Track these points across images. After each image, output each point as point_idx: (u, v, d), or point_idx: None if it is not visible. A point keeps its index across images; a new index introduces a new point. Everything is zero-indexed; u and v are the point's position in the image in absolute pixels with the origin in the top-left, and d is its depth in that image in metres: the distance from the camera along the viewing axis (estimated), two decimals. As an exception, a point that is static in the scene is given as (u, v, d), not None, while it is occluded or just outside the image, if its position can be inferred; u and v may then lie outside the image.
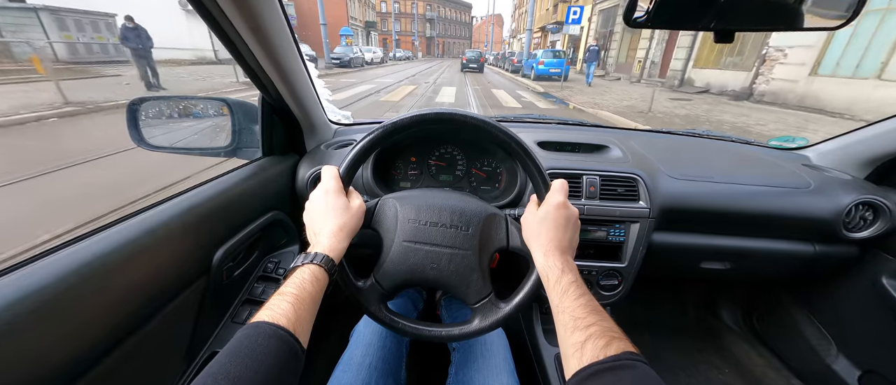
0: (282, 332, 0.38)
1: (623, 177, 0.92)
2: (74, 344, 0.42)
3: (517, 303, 0.59)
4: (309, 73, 0.86)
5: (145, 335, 0.52)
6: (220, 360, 0.35)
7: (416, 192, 0.63)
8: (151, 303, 0.53)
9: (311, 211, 0.55)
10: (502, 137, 0.58)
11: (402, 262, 0.58)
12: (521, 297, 0.59)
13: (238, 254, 0.75)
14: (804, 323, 1.21)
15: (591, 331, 0.41)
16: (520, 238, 0.60)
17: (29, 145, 4.12)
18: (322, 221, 0.53)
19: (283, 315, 0.39)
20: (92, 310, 0.44)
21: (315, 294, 0.45)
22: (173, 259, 0.57)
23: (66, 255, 0.45)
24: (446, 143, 1.05)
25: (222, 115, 0.92)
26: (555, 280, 0.49)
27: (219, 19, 0.57)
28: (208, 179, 0.74)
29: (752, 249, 1.02)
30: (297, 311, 0.41)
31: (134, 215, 0.56)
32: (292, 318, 0.40)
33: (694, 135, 1.33)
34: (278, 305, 0.40)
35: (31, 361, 0.38)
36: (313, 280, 0.45)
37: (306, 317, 0.42)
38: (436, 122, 0.59)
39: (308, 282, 0.45)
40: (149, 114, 0.87)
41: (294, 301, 0.41)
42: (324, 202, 0.54)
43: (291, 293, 0.42)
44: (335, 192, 0.55)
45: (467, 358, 0.75)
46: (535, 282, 0.59)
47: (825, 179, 0.99)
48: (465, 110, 0.59)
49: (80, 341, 0.43)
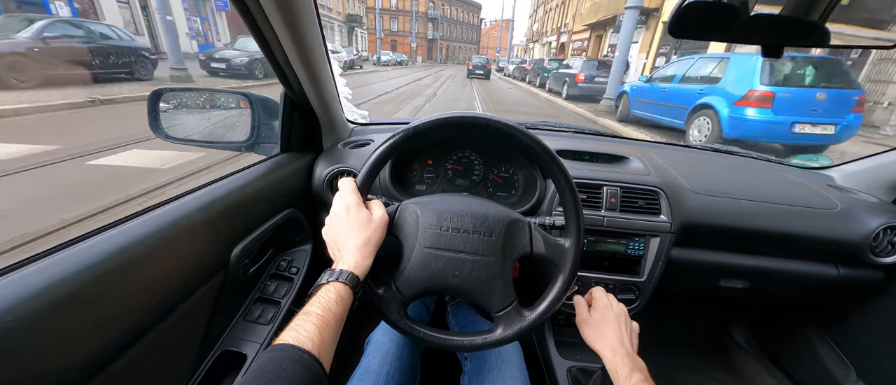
0: (307, 356, 0.37)
1: (645, 189, 0.91)
2: (96, 337, 0.41)
3: (543, 310, 0.57)
4: (332, 72, 0.85)
5: (163, 330, 0.51)
6: (246, 384, 0.34)
7: (436, 198, 0.61)
8: (172, 297, 0.52)
9: (333, 227, 0.54)
10: (523, 139, 0.57)
11: (423, 269, 0.56)
12: (546, 304, 0.57)
13: (253, 250, 0.74)
14: (822, 347, 1.18)
15: None
16: (543, 244, 0.59)
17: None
18: (346, 238, 0.51)
19: (308, 338, 0.38)
20: (114, 303, 0.43)
21: (340, 314, 0.44)
22: (194, 253, 0.56)
23: (89, 246, 0.44)
24: (464, 146, 1.03)
25: (242, 110, 0.92)
26: (624, 376, 0.53)
27: (254, 13, 0.56)
28: (228, 174, 0.73)
29: (773, 269, 0.99)
30: (322, 334, 0.40)
31: (156, 207, 0.55)
32: (317, 342, 0.39)
33: (713, 149, 1.31)
34: (304, 327, 0.39)
35: (53, 354, 0.37)
36: (338, 299, 0.44)
37: (330, 339, 0.41)
38: (454, 126, 0.57)
39: (333, 302, 0.44)
40: (170, 104, 0.87)
41: (319, 323, 0.40)
42: (346, 217, 0.53)
43: (317, 314, 0.41)
44: (356, 205, 0.53)
45: (481, 368, 0.73)
46: (561, 288, 0.58)
47: (852, 201, 0.97)
48: (485, 113, 0.58)
49: (102, 335, 0.42)
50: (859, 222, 0.91)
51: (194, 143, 0.93)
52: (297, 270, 0.85)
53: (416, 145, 0.99)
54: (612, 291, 0.93)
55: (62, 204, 2.12)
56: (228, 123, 0.96)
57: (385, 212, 0.56)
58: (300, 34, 0.64)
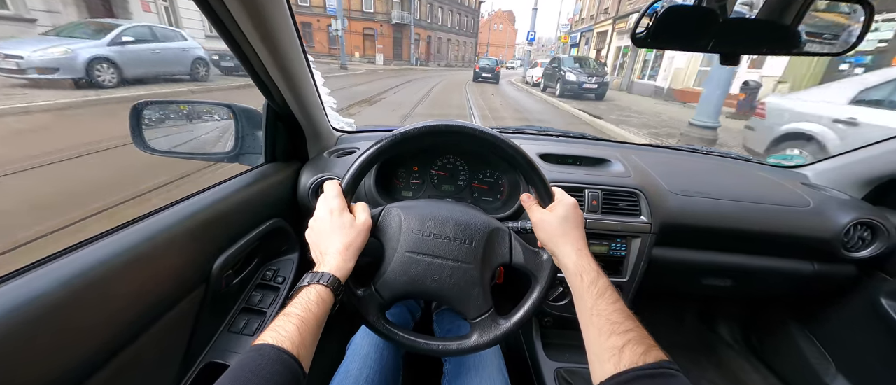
0: (285, 355, 0.37)
1: (625, 191, 0.93)
2: (72, 354, 0.41)
3: (518, 320, 0.58)
4: (314, 80, 0.86)
5: (143, 345, 0.51)
6: (222, 383, 0.34)
7: (420, 203, 0.62)
8: (150, 311, 0.52)
9: (315, 229, 0.54)
10: (506, 149, 0.58)
11: (403, 273, 0.57)
12: (522, 314, 0.58)
13: (237, 262, 0.74)
14: (803, 341, 1.21)
15: (630, 336, 0.41)
16: (522, 254, 0.60)
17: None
18: (328, 241, 0.52)
19: (287, 338, 0.39)
20: (90, 319, 0.43)
21: (320, 316, 0.44)
22: (173, 267, 0.56)
23: (65, 263, 0.44)
24: (449, 153, 1.05)
25: (226, 121, 0.92)
26: (590, 281, 0.48)
27: (229, 26, 0.57)
28: (210, 185, 0.73)
29: (752, 267, 1.02)
30: (302, 334, 0.40)
31: (135, 222, 0.55)
32: (296, 342, 0.39)
33: (693, 151, 1.34)
34: (283, 327, 0.40)
35: (28, 373, 0.37)
36: (319, 301, 0.45)
37: (310, 340, 0.42)
38: (442, 133, 0.59)
39: (314, 303, 0.44)
40: (153, 117, 0.87)
41: (299, 323, 0.41)
42: (329, 220, 0.53)
43: (297, 315, 0.42)
44: (339, 209, 0.54)
45: (459, 370, 0.74)
46: (537, 299, 0.58)
47: (824, 198, 1.00)
48: (469, 122, 0.59)
49: (78, 352, 0.42)
50: (831, 219, 0.94)
51: (178, 155, 0.92)
52: (284, 280, 0.85)
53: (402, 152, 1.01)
54: None
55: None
56: (213, 135, 0.96)
57: (369, 215, 0.57)
58: (276, 45, 0.64)
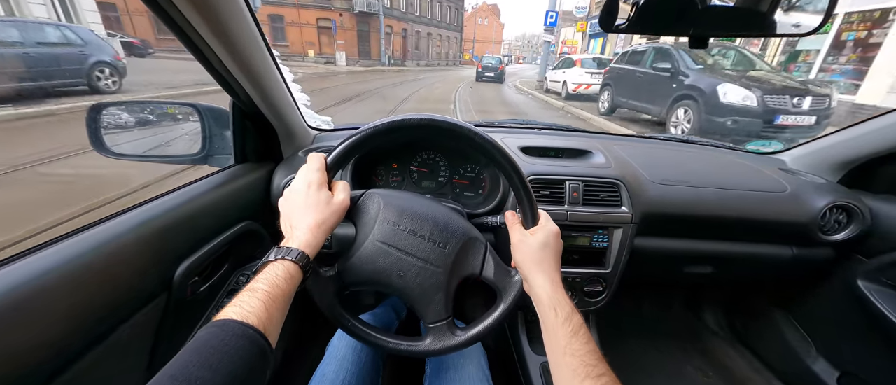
0: (252, 331, 0.35)
1: (605, 182, 0.92)
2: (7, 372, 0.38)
3: (473, 335, 0.56)
4: (283, 78, 0.83)
5: (94, 360, 0.48)
6: (181, 358, 0.31)
7: (404, 195, 0.60)
8: (100, 325, 0.49)
9: (290, 200, 0.52)
10: (504, 164, 0.55)
11: (369, 262, 0.55)
12: (479, 329, 0.56)
13: (205, 267, 0.71)
14: (785, 325, 1.23)
15: (604, 381, 0.40)
16: (493, 270, 0.58)
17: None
18: (300, 215, 0.49)
19: (253, 314, 0.36)
20: (25, 338, 0.40)
21: (288, 292, 0.42)
22: (126, 276, 0.52)
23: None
24: (428, 148, 1.03)
25: (191, 121, 0.88)
26: (565, 317, 0.46)
27: (179, 22, 0.54)
28: (171, 189, 0.70)
29: (733, 253, 1.03)
30: (269, 310, 0.38)
31: (81, 231, 0.52)
32: (263, 318, 0.36)
33: (675, 140, 1.35)
34: (249, 303, 0.37)
35: None
36: (287, 277, 0.42)
37: (278, 316, 0.39)
38: (442, 133, 0.55)
39: (282, 279, 0.41)
40: (111, 119, 0.82)
41: (266, 299, 0.38)
42: (305, 193, 0.50)
43: (263, 290, 0.39)
44: (318, 184, 0.51)
45: (439, 369, 0.73)
46: (498, 319, 0.56)
47: (800, 183, 1.01)
48: (473, 128, 0.55)
49: (14, 369, 0.39)
50: (807, 203, 0.95)
51: (142, 158, 0.88)
52: None
53: (381, 147, 0.98)
54: (580, 285, 0.94)
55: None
56: (180, 136, 0.92)
57: (348, 196, 0.54)
58: (232, 39, 0.61)
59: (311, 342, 1.11)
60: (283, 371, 1.07)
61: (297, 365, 1.14)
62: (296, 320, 1.22)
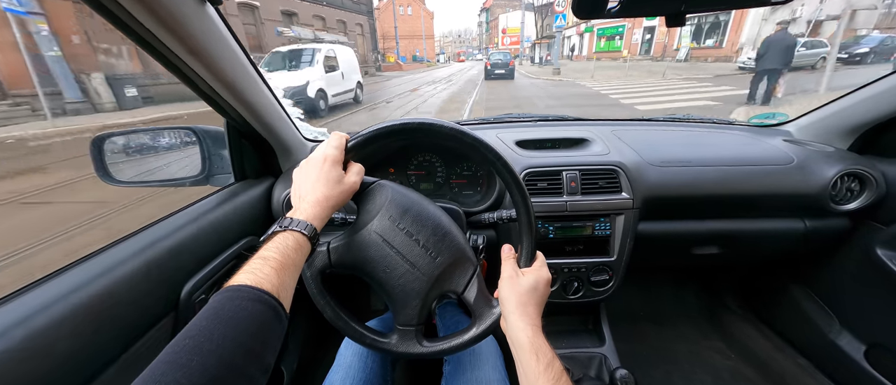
0: (266, 296, 0.35)
1: (603, 169, 0.91)
2: None
3: (437, 351, 0.56)
4: (273, 93, 0.84)
5: (106, 382, 0.50)
6: (197, 322, 0.32)
7: (413, 195, 0.60)
8: (111, 347, 0.50)
9: (304, 170, 0.52)
10: (516, 194, 0.55)
11: (360, 249, 0.55)
12: (443, 348, 0.56)
13: (211, 285, 0.72)
14: (804, 300, 1.19)
15: None
16: (475, 294, 0.57)
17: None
18: (310, 187, 0.50)
19: (266, 279, 0.36)
20: (35, 367, 0.41)
21: (298, 262, 0.42)
22: (133, 300, 0.54)
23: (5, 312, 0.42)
24: (423, 151, 1.03)
25: (191, 144, 0.91)
26: (547, 362, 0.45)
27: (154, 44, 0.55)
28: (173, 212, 0.72)
29: (742, 231, 1.00)
30: (281, 277, 0.38)
31: (90, 257, 0.54)
32: (276, 284, 0.37)
33: (674, 120, 1.32)
34: (261, 269, 0.37)
35: None
36: (297, 247, 0.43)
37: (289, 284, 0.39)
38: (458, 141, 0.54)
39: (292, 249, 0.42)
40: (115, 148, 0.85)
41: (278, 266, 0.38)
42: (318, 167, 0.51)
43: (274, 258, 0.39)
44: (333, 160, 0.51)
45: (457, 369, 0.73)
46: (465, 343, 0.56)
47: (808, 153, 0.98)
48: (491, 146, 0.54)
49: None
50: (816, 173, 0.92)
51: (146, 184, 0.91)
52: None
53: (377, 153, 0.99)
54: (585, 275, 0.93)
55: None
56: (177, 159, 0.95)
57: (359, 180, 0.55)
58: (214, 61, 0.62)
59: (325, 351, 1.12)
60: (298, 377, 1.08)
61: (311, 372, 1.15)
62: (310, 328, 1.24)
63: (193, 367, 0.28)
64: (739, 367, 1.24)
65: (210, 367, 0.29)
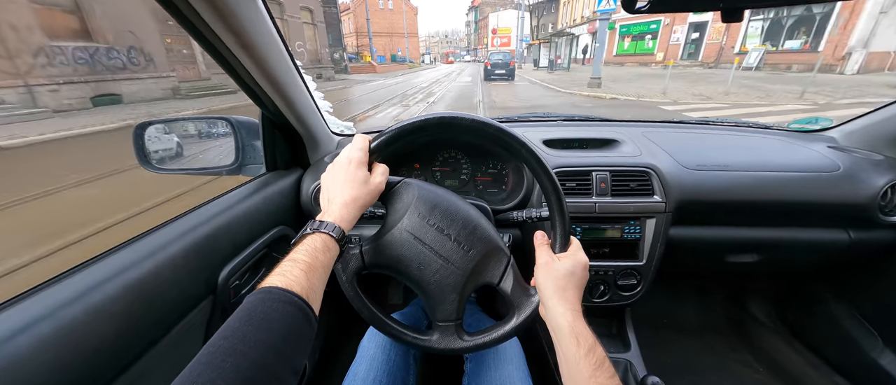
0: (296, 298, 0.36)
1: (635, 171, 0.89)
2: (75, 376, 0.41)
3: (478, 344, 0.56)
4: (307, 86, 0.86)
5: (151, 360, 0.51)
6: (232, 324, 0.33)
7: (439, 191, 0.60)
8: (156, 327, 0.52)
9: (331, 174, 0.54)
10: (545, 182, 0.53)
11: (392, 248, 0.56)
12: (485, 340, 0.56)
13: (245, 271, 0.74)
14: (843, 315, 1.13)
15: None
16: (512, 284, 0.57)
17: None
18: (338, 189, 0.51)
19: (296, 282, 0.38)
20: (91, 340, 0.43)
21: (327, 263, 0.43)
22: (176, 281, 0.56)
23: (62, 288, 0.44)
24: (449, 147, 1.03)
25: (226, 134, 0.93)
26: (588, 348, 0.44)
27: (207, 36, 0.57)
28: (212, 198, 0.74)
29: (779, 240, 0.96)
30: (310, 279, 0.39)
31: (131, 243, 0.56)
32: (305, 286, 0.38)
33: (707, 123, 1.28)
34: (291, 272, 0.39)
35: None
36: (325, 249, 0.44)
37: (318, 285, 0.41)
38: (481, 134, 0.53)
39: (320, 251, 0.43)
40: (154, 136, 0.89)
41: (306, 269, 0.40)
42: (345, 170, 0.52)
43: (303, 261, 0.41)
44: (358, 162, 0.53)
45: (480, 368, 0.72)
46: (506, 334, 0.56)
47: (855, 161, 0.93)
48: (519, 136, 0.53)
49: (81, 373, 0.42)
50: (864, 182, 0.87)
51: (183, 171, 0.94)
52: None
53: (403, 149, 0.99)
54: (613, 278, 0.91)
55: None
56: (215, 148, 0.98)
57: (385, 180, 0.55)
58: (261, 55, 0.64)
59: (346, 342, 1.14)
60: (319, 369, 1.10)
61: (332, 364, 1.17)
62: (331, 320, 1.25)
63: (227, 369, 0.30)
64: (769, 382, 1.19)
65: (243, 368, 0.30)
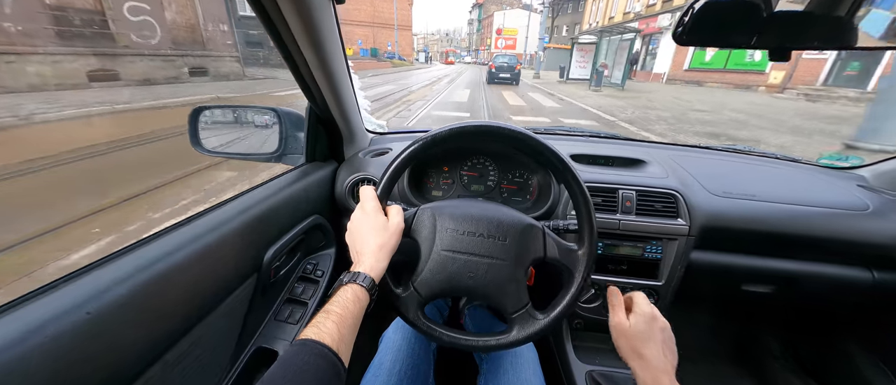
0: (327, 351, 0.40)
1: (661, 192, 0.91)
2: (144, 336, 0.47)
3: (556, 315, 0.59)
4: (353, 83, 0.91)
5: (204, 328, 0.56)
6: (273, 374, 0.38)
7: (452, 202, 0.64)
8: (213, 298, 0.57)
9: (352, 231, 0.58)
10: (550, 157, 0.59)
11: (440, 271, 0.59)
12: (560, 309, 0.59)
13: (283, 254, 0.79)
14: (859, 357, 1.12)
15: None
16: (557, 249, 0.61)
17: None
18: (363, 241, 0.55)
19: (328, 334, 0.42)
20: (158, 306, 0.48)
21: (357, 313, 0.47)
22: (231, 257, 0.61)
23: (139, 255, 0.50)
24: (478, 153, 1.06)
25: (272, 123, 0.99)
26: None
27: (282, 33, 0.62)
28: (260, 184, 0.79)
29: (800, 273, 0.96)
30: (340, 330, 0.43)
31: (195, 218, 0.61)
32: (336, 338, 0.42)
33: (735, 151, 1.28)
34: (324, 324, 0.43)
35: (114, 349, 0.43)
36: (355, 300, 0.48)
37: (348, 336, 0.45)
38: (476, 135, 0.60)
39: (351, 302, 0.47)
40: (208, 120, 0.95)
41: (338, 321, 0.44)
42: (364, 222, 0.57)
43: (336, 313, 0.45)
44: (374, 211, 0.57)
45: (497, 370, 0.75)
46: (574, 293, 0.59)
47: (885, 202, 0.93)
48: (508, 124, 0.60)
49: (150, 334, 0.47)
50: (893, 223, 0.87)
51: (229, 155, 1.00)
52: (322, 273, 0.90)
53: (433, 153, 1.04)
54: None
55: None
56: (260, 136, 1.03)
57: (402, 218, 0.59)
58: (324, 53, 0.69)
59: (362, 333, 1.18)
60: None
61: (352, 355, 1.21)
62: None
63: None
64: None
65: None
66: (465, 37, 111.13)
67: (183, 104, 6.46)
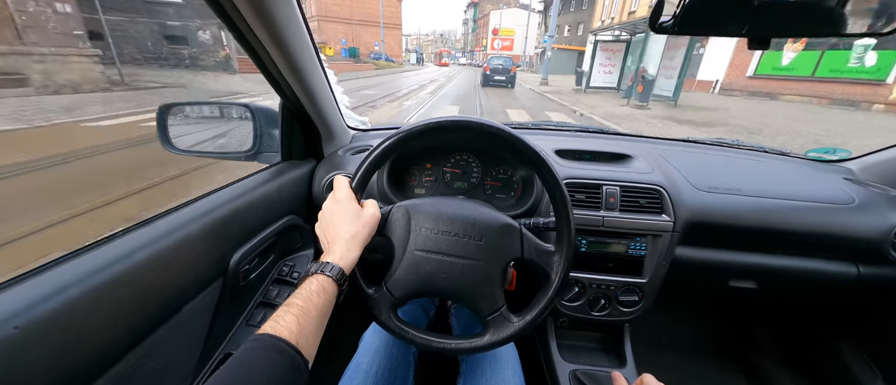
0: (284, 345, 0.38)
1: (645, 188, 0.89)
2: (94, 345, 0.44)
3: (531, 318, 0.57)
4: (328, 80, 0.87)
5: (162, 336, 0.54)
6: (221, 374, 0.35)
7: (429, 201, 0.62)
8: (169, 304, 0.54)
9: (323, 220, 0.55)
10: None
11: (413, 271, 0.57)
12: (534, 313, 0.57)
13: (254, 257, 0.76)
14: (846, 351, 1.11)
15: None
16: (534, 250, 0.59)
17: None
18: (334, 231, 0.52)
19: (285, 328, 0.39)
20: (109, 312, 0.45)
21: (322, 306, 0.44)
22: (191, 261, 0.58)
23: (85, 260, 0.46)
24: (461, 150, 1.04)
25: (245, 120, 0.95)
26: None
27: (242, 29, 0.59)
28: (227, 184, 0.76)
29: (787, 268, 0.95)
30: (301, 323, 0.40)
31: (152, 221, 0.58)
32: (295, 331, 0.39)
33: (723, 144, 1.27)
34: (282, 318, 0.40)
35: (55, 360, 0.40)
36: (320, 291, 0.45)
37: (311, 328, 0.42)
38: (452, 129, 0.58)
39: (314, 293, 0.44)
40: (177, 118, 0.91)
41: (298, 313, 0.41)
42: (335, 212, 0.54)
43: (296, 305, 0.42)
44: (346, 199, 0.55)
45: (475, 370, 0.73)
46: (551, 297, 0.57)
47: (871, 195, 0.92)
48: (486, 119, 0.58)
49: (99, 342, 0.44)
50: (879, 217, 0.86)
51: (201, 154, 0.96)
52: (299, 275, 0.87)
53: (412, 148, 1.01)
54: (613, 293, 0.92)
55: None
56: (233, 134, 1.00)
57: (378, 211, 0.57)
58: (287, 45, 0.66)
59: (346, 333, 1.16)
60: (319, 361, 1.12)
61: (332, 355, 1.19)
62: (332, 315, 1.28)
63: None
64: None
65: None
66: (460, 37, 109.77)
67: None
